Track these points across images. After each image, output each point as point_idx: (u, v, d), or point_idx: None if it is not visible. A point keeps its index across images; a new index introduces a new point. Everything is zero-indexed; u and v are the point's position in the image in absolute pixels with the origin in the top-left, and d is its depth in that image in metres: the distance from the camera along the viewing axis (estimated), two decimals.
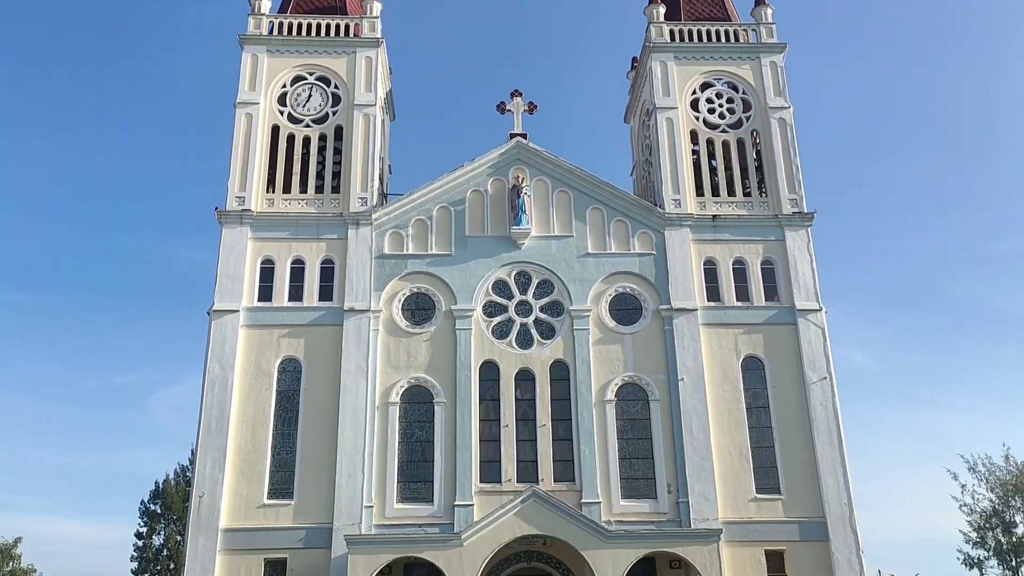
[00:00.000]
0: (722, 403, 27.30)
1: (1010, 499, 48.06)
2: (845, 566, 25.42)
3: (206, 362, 26.88)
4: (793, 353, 27.92)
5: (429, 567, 23.88)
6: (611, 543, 23.47)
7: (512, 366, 27.58)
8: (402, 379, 27.20)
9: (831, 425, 26.94)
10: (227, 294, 27.71)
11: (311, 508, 25.63)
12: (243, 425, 26.43)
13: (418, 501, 25.98)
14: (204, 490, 25.45)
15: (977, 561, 50.35)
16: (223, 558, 24.91)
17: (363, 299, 27.87)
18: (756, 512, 26.16)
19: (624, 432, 27.04)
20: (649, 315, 28.29)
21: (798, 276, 28.80)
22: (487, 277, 28.55)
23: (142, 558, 55.95)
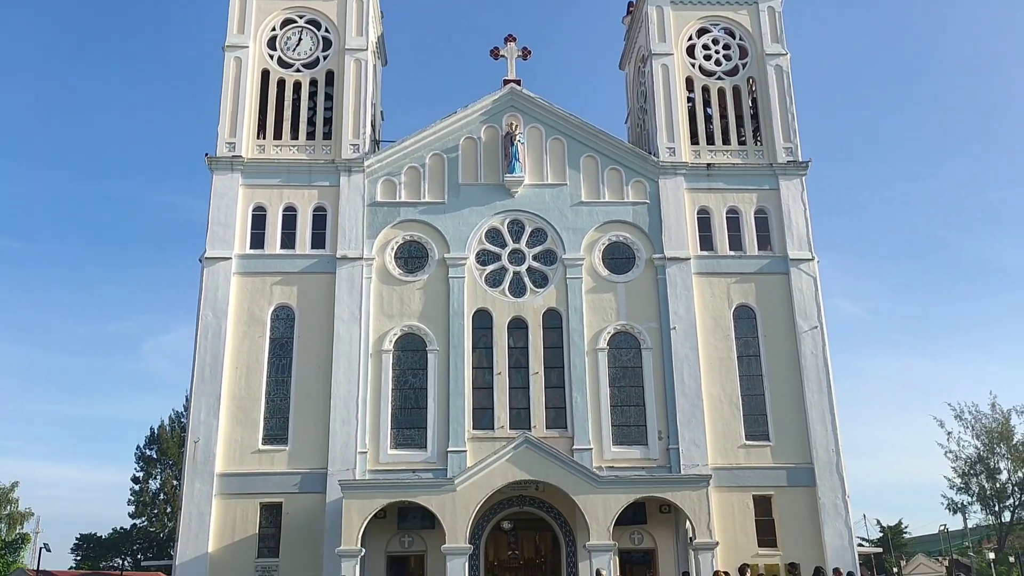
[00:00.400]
0: (713, 352, 27.50)
1: (995, 446, 49.03)
2: (831, 510, 25.92)
3: (199, 309, 26.90)
4: (785, 302, 28.07)
5: (422, 511, 24.25)
6: (602, 488, 23.83)
7: (505, 314, 27.67)
8: (395, 327, 27.28)
9: (821, 373, 27.22)
10: (219, 241, 27.60)
11: (306, 454, 25.90)
12: (237, 372, 26.56)
13: (411, 447, 26.27)
14: (199, 436, 25.67)
15: (961, 506, 51.55)
16: (219, 502, 25.24)
17: (356, 247, 27.80)
18: (745, 458, 26.56)
19: (616, 380, 27.28)
20: (642, 264, 28.33)
21: (791, 225, 28.82)
22: (480, 225, 28.47)
23: (139, 502, 56.78)
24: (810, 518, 25.97)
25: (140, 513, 56.92)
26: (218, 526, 25.05)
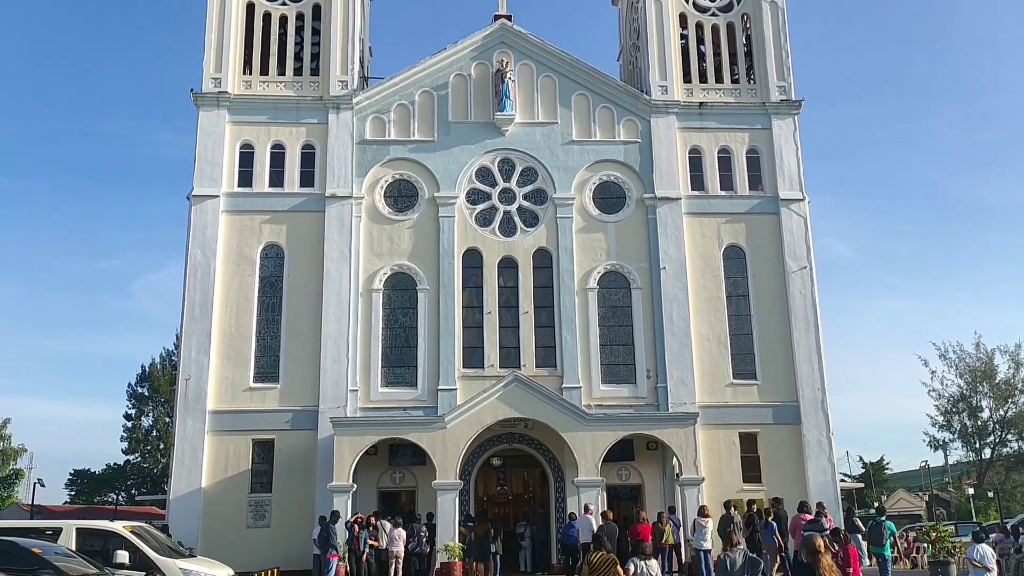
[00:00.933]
0: (703, 291, 27.62)
1: (978, 385, 49.83)
2: (815, 447, 26.39)
3: (187, 247, 26.76)
4: (775, 243, 28.12)
5: (413, 448, 24.57)
6: (590, 426, 24.14)
7: (495, 254, 27.64)
8: (385, 266, 27.24)
9: (808, 313, 27.42)
10: (206, 179, 27.33)
11: (297, 391, 26.09)
12: (227, 310, 26.56)
13: (402, 385, 26.48)
14: (190, 373, 25.79)
15: (942, 443, 52.60)
16: (211, 438, 25.49)
17: (345, 185, 27.58)
18: (732, 397, 26.90)
19: (605, 319, 27.42)
20: (633, 204, 28.24)
21: (783, 165, 28.70)
22: (470, 164, 28.24)
23: (132, 438, 57.34)
24: (794, 455, 26.44)
25: (133, 449, 57.52)
26: (211, 462, 25.34)
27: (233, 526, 24.73)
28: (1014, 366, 48.93)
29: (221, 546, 22.38)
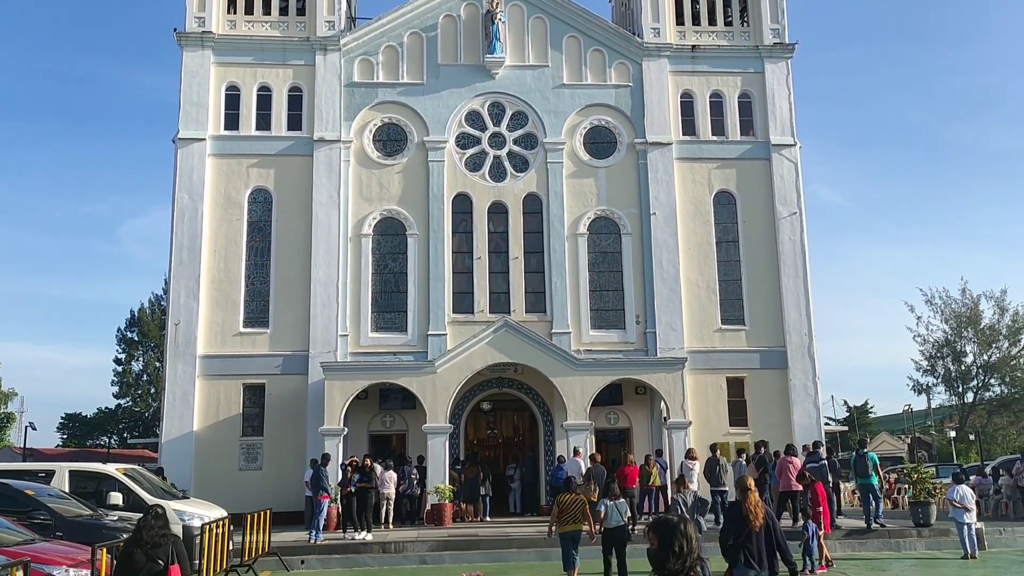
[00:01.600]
0: (692, 237, 27.63)
1: (962, 330, 50.37)
2: (801, 391, 26.72)
3: (174, 191, 26.51)
4: (765, 188, 28.06)
5: (403, 393, 24.74)
6: (580, 370, 24.32)
7: (485, 199, 27.49)
8: (374, 211, 27.08)
9: (797, 259, 27.51)
10: (192, 121, 26.95)
11: (287, 336, 26.13)
12: (215, 255, 26.43)
13: (392, 330, 26.54)
14: (180, 318, 25.77)
15: (925, 387, 53.34)
16: (202, 383, 25.59)
17: (333, 129, 27.26)
18: (720, 342, 27.11)
19: (595, 265, 27.44)
20: (624, 149, 28.04)
21: (775, 110, 28.49)
22: (460, 108, 27.91)
23: (122, 383, 57.54)
24: (780, 399, 26.77)
25: (124, 394, 57.77)
26: (202, 406, 25.48)
27: (225, 469, 24.98)
28: (999, 312, 49.43)
29: (214, 488, 22.63)
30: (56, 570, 9.88)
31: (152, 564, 7.58)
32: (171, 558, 7.68)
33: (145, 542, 7.74)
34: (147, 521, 7.91)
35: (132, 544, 7.88)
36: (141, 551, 7.72)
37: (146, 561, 7.64)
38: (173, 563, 7.64)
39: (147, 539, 7.75)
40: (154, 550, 7.67)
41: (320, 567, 17.59)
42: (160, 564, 7.58)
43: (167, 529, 7.92)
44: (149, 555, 7.65)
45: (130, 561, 7.68)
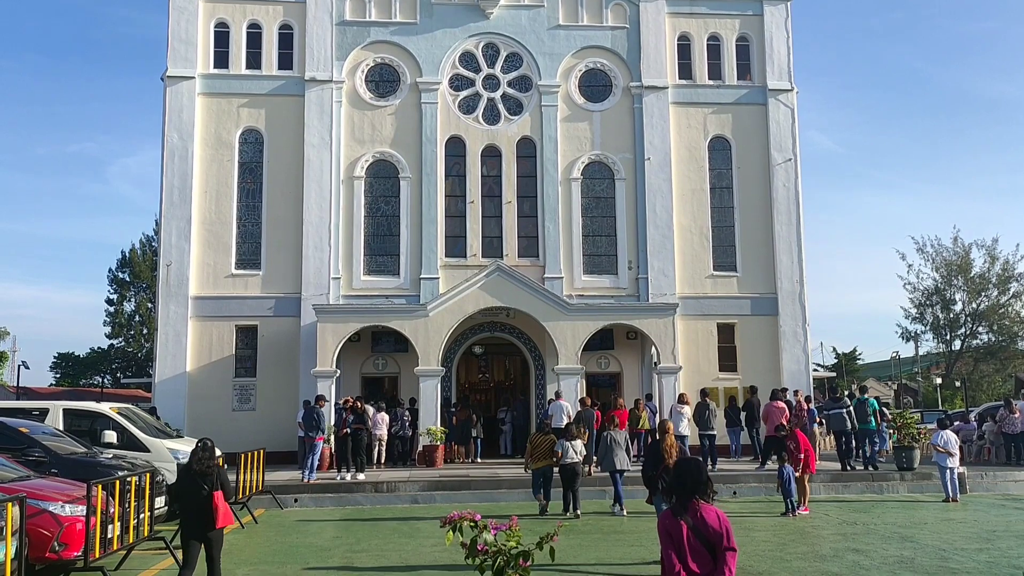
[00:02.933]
0: (686, 183, 27.52)
1: (952, 278, 50.64)
2: (791, 337, 26.92)
3: (164, 131, 26.20)
4: (761, 134, 27.87)
5: (396, 336, 24.84)
6: (571, 315, 24.42)
7: (478, 142, 27.26)
8: (367, 153, 26.84)
9: (791, 206, 27.47)
10: (180, 59, 26.51)
11: (279, 278, 26.11)
12: (206, 196, 26.25)
13: (384, 274, 26.54)
14: (171, 259, 25.69)
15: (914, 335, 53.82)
16: (194, 324, 25.63)
17: (324, 69, 26.85)
18: (712, 288, 27.21)
19: (588, 210, 27.36)
20: (619, 92, 27.74)
21: (773, 54, 28.15)
22: (453, 48, 27.49)
23: (114, 323, 57.61)
24: (770, 345, 26.98)
25: (116, 334, 57.87)
26: (195, 347, 25.57)
27: (219, 409, 25.17)
28: (990, 260, 49.63)
29: (207, 428, 22.76)
30: (52, 506, 10.01)
31: (200, 489, 8.73)
32: (215, 485, 8.80)
33: (195, 470, 8.82)
34: (197, 452, 8.95)
35: (185, 471, 9.03)
36: (191, 478, 8.84)
37: (195, 486, 8.77)
38: (217, 489, 8.78)
39: (196, 468, 8.82)
40: (202, 478, 8.77)
41: (313, 505, 17.87)
42: (206, 489, 8.72)
43: (213, 460, 8.94)
44: (197, 482, 8.77)
45: (183, 486, 8.93)
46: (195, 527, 8.78)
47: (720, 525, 5.01)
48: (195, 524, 8.78)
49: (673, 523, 5.03)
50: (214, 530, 8.78)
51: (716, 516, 5.06)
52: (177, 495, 9.14)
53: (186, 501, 8.87)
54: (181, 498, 8.96)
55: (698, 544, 4.96)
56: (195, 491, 8.77)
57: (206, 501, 8.73)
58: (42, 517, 9.76)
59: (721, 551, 4.95)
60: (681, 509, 5.09)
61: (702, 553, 4.95)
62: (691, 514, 5.04)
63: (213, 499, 8.74)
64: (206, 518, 8.73)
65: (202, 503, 8.73)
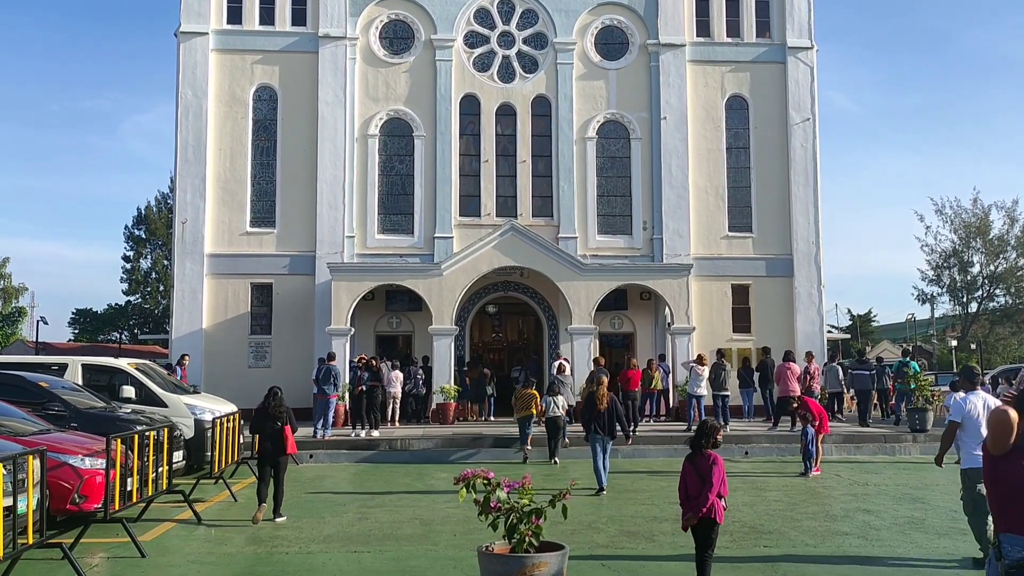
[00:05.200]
0: (703, 143, 27.24)
1: (971, 240, 50.17)
2: (805, 299, 26.81)
3: (178, 88, 26.12)
4: (779, 93, 27.48)
5: (410, 295, 24.91)
6: (585, 275, 24.40)
7: (493, 100, 27.03)
8: (381, 111, 26.69)
9: (808, 167, 27.18)
10: (194, 15, 26.32)
11: (294, 236, 26.16)
12: (220, 154, 26.23)
13: (399, 232, 26.54)
14: (186, 217, 25.77)
15: (930, 297, 53.55)
16: (210, 281, 25.79)
17: (338, 25, 26.60)
18: (727, 249, 27.07)
19: (603, 170, 27.17)
20: (635, 50, 27.37)
21: (793, 11, 27.64)
22: (468, 4, 27.14)
23: (131, 280, 58.04)
24: (785, 306, 26.89)
25: (133, 291, 58.33)
26: (211, 304, 25.75)
27: (235, 366, 25.40)
28: (1009, 222, 49.10)
29: (223, 385, 23.06)
30: (72, 459, 10.18)
31: (272, 424, 11.30)
32: (285, 421, 11.35)
33: (269, 411, 11.38)
34: (270, 396, 11.54)
35: (261, 411, 11.50)
36: (267, 415, 11.37)
37: (270, 422, 11.31)
38: (286, 424, 11.35)
39: (271, 408, 11.38)
40: (275, 417, 11.32)
41: (328, 461, 18.09)
42: (278, 425, 11.30)
43: (283, 403, 11.53)
44: (271, 419, 11.31)
45: (259, 422, 11.44)
46: (269, 453, 11.24)
47: (708, 465, 7.17)
48: (268, 451, 11.24)
49: (686, 464, 7.37)
50: (283, 455, 11.27)
51: (709, 459, 7.22)
52: (253, 429, 11.61)
53: (262, 434, 11.36)
54: (258, 431, 11.44)
55: (695, 476, 7.18)
56: (270, 426, 11.27)
57: (279, 434, 11.23)
58: (63, 470, 9.94)
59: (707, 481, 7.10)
60: (693, 455, 7.33)
61: (697, 482, 7.15)
62: (697, 458, 7.27)
63: (284, 432, 11.26)
64: (277, 446, 11.22)
65: (275, 435, 11.23)
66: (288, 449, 11.29)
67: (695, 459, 7.24)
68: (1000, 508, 4.40)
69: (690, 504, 7.12)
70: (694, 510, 7.05)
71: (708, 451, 7.21)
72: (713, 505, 7.05)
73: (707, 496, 7.01)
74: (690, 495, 7.14)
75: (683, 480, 7.26)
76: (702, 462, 7.17)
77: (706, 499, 6.99)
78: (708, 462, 7.15)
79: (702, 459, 7.19)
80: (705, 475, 7.08)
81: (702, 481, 7.07)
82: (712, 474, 7.07)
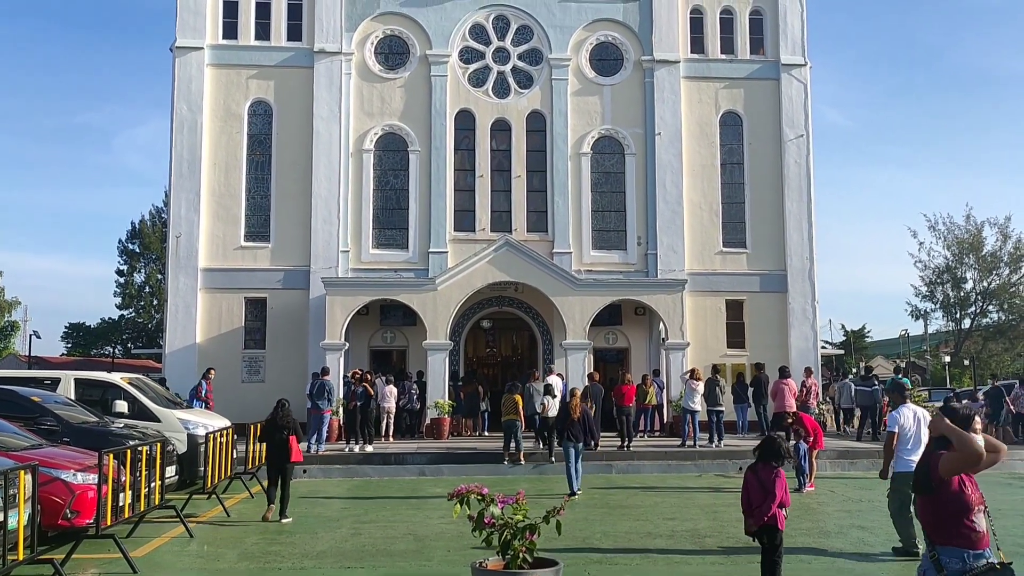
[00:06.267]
0: (697, 158, 27.35)
1: (964, 256, 50.30)
2: (799, 315, 26.86)
3: (173, 102, 26.15)
4: (773, 109, 27.64)
5: (404, 309, 24.89)
6: (580, 290, 24.42)
7: (488, 115, 27.13)
8: (376, 126, 26.75)
9: (802, 183, 27.30)
10: (189, 29, 26.40)
11: (288, 251, 26.15)
12: (215, 168, 26.24)
13: (393, 247, 26.55)
14: (181, 231, 25.75)
15: (923, 313, 53.63)
16: (204, 295, 25.74)
17: (334, 40, 26.70)
18: (721, 264, 27.13)
19: (598, 185, 27.25)
20: (630, 66, 27.51)
21: (787, 28, 27.84)
22: (464, 20, 27.28)
23: (125, 294, 57.88)
24: (779, 322, 26.94)
25: (127, 305, 58.17)
26: (204, 318, 25.68)
27: (228, 380, 25.28)
28: (1002, 238, 49.28)
29: (217, 399, 22.91)
30: (64, 474, 10.12)
31: (280, 433, 12.34)
32: (291, 431, 12.39)
33: (277, 422, 12.41)
34: (278, 408, 12.59)
35: (270, 421, 12.57)
36: (275, 426, 12.41)
37: (278, 432, 12.37)
38: (292, 434, 12.42)
39: (279, 419, 12.42)
40: (282, 427, 12.36)
41: (322, 476, 18.01)
42: (285, 434, 12.33)
43: (290, 414, 12.59)
44: (279, 427, 12.37)
45: (268, 432, 12.55)
46: (276, 460, 12.32)
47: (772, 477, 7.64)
48: (276, 459, 12.33)
49: (748, 475, 7.86)
50: (289, 463, 12.34)
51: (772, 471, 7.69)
52: (262, 438, 12.94)
53: (271, 442, 12.43)
54: (267, 440, 12.54)
55: (757, 486, 7.66)
56: (278, 435, 12.33)
57: (285, 442, 12.32)
58: (54, 485, 9.87)
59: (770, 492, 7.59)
60: (755, 466, 7.83)
61: (760, 492, 7.63)
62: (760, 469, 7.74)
63: (290, 441, 12.33)
64: (284, 454, 12.28)
65: (282, 444, 12.32)
66: (293, 457, 12.38)
67: (757, 470, 7.75)
68: (939, 522, 4.59)
69: (753, 513, 7.66)
70: (756, 519, 7.62)
71: (774, 465, 7.72)
72: (775, 514, 7.59)
73: (769, 506, 7.55)
74: (753, 504, 7.66)
75: (745, 490, 7.79)
76: (765, 474, 7.67)
77: (768, 508, 7.54)
78: (772, 475, 7.66)
79: (765, 471, 7.68)
80: (768, 486, 7.59)
81: (764, 491, 7.59)
82: (776, 486, 7.59)
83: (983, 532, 4.58)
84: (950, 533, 4.55)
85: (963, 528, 4.53)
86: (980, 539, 4.57)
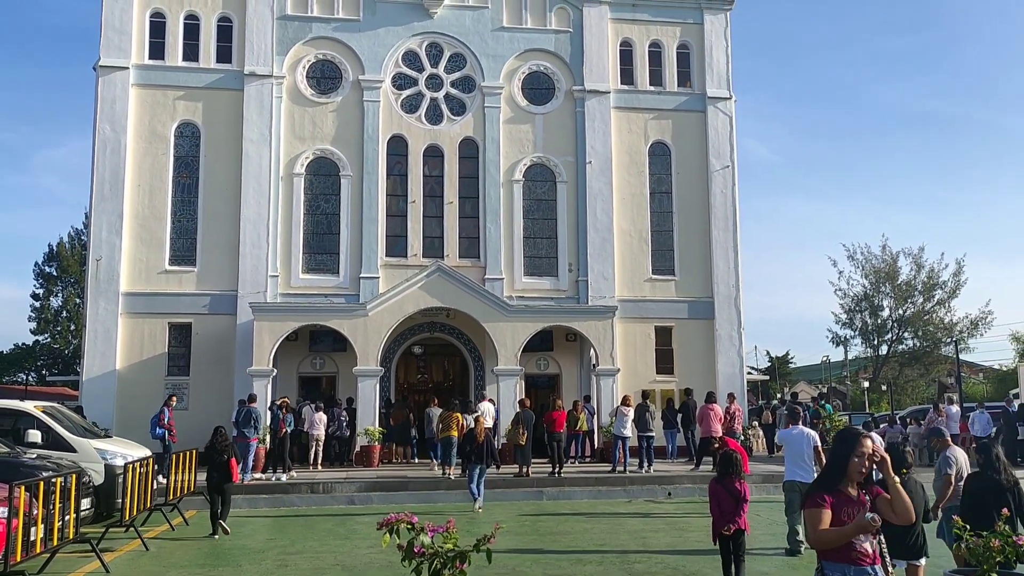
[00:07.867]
0: (627, 187, 27.81)
1: (880, 285, 52.12)
2: (726, 341, 27.41)
3: (95, 122, 25.46)
4: (699, 141, 28.32)
5: (334, 335, 24.56)
6: (511, 316, 24.48)
7: (421, 141, 27.14)
8: (307, 150, 26.50)
9: (728, 212, 27.97)
10: (114, 49, 25.81)
11: (215, 275, 25.59)
12: (139, 190, 25.60)
13: (324, 272, 26.23)
14: (101, 254, 24.98)
15: (843, 339, 55.28)
16: (125, 320, 24.97)
17: (265, 63, 26.42)
18: (650, 291, 27.54)
19: (530, 212, 27.46)
20: (561, 96, 27.90)
21: (712, 63, 28.64)
22: (397, 47, 27.32)
23: (40, 319, 55.77)
24: (706, 348, 27.43)
25: (42, 330, 56.03)
26: (125, 344, 24.89)
27: (149, 408, 24.27)
28: (916, 268, 51.23)
29: (137, 428, 22.16)
30: None
31: (220, 456, 13.57)
32: (230, 455, 13.75)
33: (216, 446, 13.66)
34: (215, 435, 13.89)
35: (209, 447, 13.76)
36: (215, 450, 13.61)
37: (218, 456, 13.56)
38: (231, 458, 13.78)
39: (217, 444, 13.69)
40: (221, 451, 13.62)
41: (247, 507, 17.53)
42: (224, 457, 13.61)
43: (228, 440, 14.08)
44: (217, 452, 13.59)
45: (209, 455, 13.66)
46: (217, 482, 13.44)
47: (741, 488, 8.80)
48: (217, 480, 13.45)
49: (715, 487, 8.99)
50: (229, 483, 13.64)
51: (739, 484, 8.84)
52: (202, 461, 14.05)
53: (211, 465, 13.54)
54: (207, 463, 13.63)
55: (727, 495, 8.78)
56: (217, 458, 13.54)
57: (225, 465, 13.54)
58: None
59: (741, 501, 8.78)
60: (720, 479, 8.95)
61: (730, 500, 8.76)
62: (726, 482, 8.84)
63: (229, 463, 13.65)
64: (224, 476, 13.49)
65: (222, 466, 13.51)
66: (233, 478, 13.78)
67: (723, 482, 8.88)
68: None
69: (725, 517, 8.75)
70: (734, 523, 8.73)
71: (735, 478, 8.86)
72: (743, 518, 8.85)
73: (742, 510, 8.76)
74: (723, 510, 8.78)
75: (715, 500, 8.91)
76: (731, 484, 8.80)
77: (742, 512, 8.75)
78: (737, 483, 8.82)
79: (730, 481, 8.82)
80: (737, 494, 8.76)
81: (734, 499, 8.74)
82: (747, 492, 8.87)
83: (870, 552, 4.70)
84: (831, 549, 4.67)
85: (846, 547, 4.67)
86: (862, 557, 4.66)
